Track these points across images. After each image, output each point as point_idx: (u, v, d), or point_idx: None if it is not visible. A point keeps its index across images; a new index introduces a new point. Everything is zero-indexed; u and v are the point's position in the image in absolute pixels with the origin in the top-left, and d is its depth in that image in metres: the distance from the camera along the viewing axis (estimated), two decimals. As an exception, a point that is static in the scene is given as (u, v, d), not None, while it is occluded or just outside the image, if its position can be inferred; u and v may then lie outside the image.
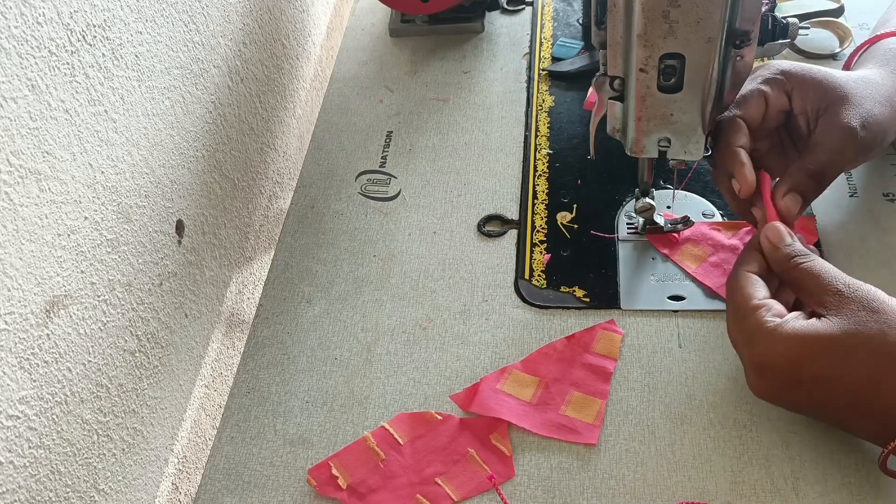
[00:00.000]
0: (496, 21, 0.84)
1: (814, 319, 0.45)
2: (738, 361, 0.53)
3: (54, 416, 0.43)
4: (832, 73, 0.53)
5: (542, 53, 0.79)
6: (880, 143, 0.53)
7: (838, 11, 0.74)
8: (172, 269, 0.55)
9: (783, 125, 0.54)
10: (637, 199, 0.58)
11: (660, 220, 0.60)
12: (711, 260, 0.58)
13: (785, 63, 0.54)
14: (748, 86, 0.53)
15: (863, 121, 0.51)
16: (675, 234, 0.60)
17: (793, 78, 0.53)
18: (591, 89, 0.73)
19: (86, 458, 0.46)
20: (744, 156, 0.51)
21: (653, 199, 0.58)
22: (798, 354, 0.44)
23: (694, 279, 0.58)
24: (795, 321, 0.45)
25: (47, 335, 0.42)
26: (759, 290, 0.48)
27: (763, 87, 0.53)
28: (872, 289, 0.45)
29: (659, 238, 0.60)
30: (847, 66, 0.63)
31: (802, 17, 0.71)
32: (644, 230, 0.61)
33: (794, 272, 0.47)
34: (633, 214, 0.61)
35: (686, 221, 0.59)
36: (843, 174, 0.63)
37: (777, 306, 0.47)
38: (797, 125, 0.53)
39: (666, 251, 0.59)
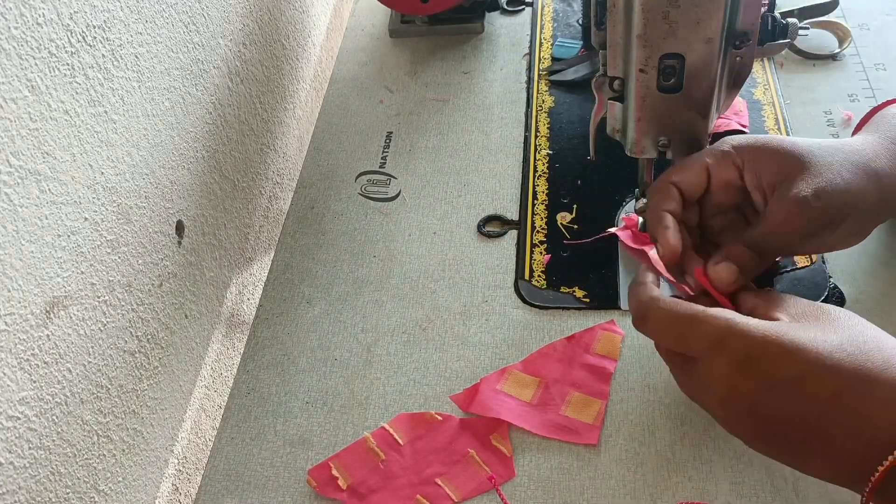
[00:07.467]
0: (496, 22, 0.84)
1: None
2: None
3: (54, 417, 0.43)
4: (792, 141, 0.47)
5: (541, 54, 0.79)
6: (852, 210, 0.46)
7: (832, 5, 0.74)
8: (172, 269, 0.55)
9: (742, 203, 0.50)
10: (637, 199, 0.58)
11: None
12: None
13: (738, 137, 0.49)
14: (692, 156, 0.49)
15: (818, 190, 0.45)
16: (646, 234, 0.60)
17: (743, 151, 0.48)
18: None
19: (86, 459, 0.46)
20: (669, 220, 0.48)
21: None
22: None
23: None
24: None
25: (47, 336, 0.42)
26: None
27: (706, 159, 0.48)
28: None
29: (628, 236, 0.60)
30: (854, 133, 0.57)
31: (801, 15, 0.71)
32: (644, 229, 0.60)
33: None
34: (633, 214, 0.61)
35: None
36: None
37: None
38: (754, 201, 0.48)
39: (636, 251, 0.59)
